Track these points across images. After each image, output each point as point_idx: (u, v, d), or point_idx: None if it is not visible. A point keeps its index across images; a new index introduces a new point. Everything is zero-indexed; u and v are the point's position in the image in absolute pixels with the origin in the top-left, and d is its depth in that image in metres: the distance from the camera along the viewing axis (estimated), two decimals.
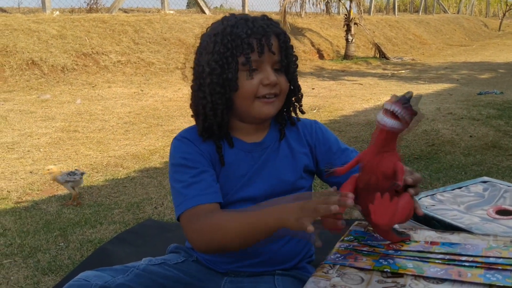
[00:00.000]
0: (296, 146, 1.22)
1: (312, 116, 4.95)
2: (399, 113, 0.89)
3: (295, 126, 1.25)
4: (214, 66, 1.09)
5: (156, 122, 4.74)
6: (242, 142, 1.18)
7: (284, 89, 1.15)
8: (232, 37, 1.08)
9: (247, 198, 1.17)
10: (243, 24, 1.09)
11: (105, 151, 3.76)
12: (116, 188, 2.92)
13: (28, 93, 6.18)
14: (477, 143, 3.74)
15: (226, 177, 1.16)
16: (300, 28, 11.91)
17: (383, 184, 0.95)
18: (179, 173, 1.13)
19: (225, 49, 1.08)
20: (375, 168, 0.95)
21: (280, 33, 1.13)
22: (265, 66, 1.10)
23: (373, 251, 1.06)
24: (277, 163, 1.19)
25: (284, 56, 1.13)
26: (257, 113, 1.13)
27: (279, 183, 1.18)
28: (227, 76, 1.09)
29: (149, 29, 8.92)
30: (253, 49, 1.08)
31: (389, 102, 0.89)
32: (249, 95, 1.11)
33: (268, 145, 1.20)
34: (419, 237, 1.13)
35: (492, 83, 7.38)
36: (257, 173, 1.17)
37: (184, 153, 1.14)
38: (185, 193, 1.09)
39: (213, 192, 1.11)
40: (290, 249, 1.20)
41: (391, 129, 0.90)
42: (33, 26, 7.59)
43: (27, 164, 3.43)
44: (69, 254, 2.03)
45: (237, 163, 1.17)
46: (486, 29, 22.19)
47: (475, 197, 1.61)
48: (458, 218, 1.46)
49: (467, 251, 1.04)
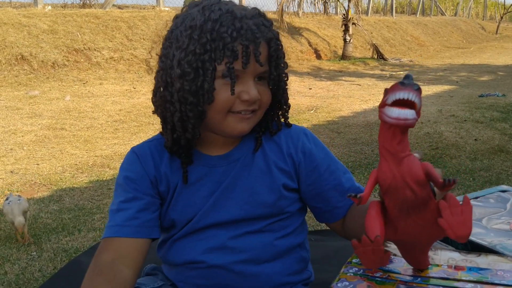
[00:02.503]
0: (275, 159, 1.00)
1: (310, 116, 4.79)
2: (416, 100, 0.69)
3: (276, 135, 1.02)
4: (187, 70, 0.87)
5: (147, 121, 4.56)
6: (205, 155, 0.99)
7: (266, 104, 0.94)
8: (213, 37, 0.86)
9: (217, 224, 0.98)
10: (229, 22, 0.87)
11: (92, 151, 3.58)
12: (100, 190, 2.73)
13: (16, 88, 5.98)
14: (483, 147, 3.58)
15: (188, 199, 0.98)
16: (297, 27, 11.77)
17: (422, 194, 0.73)
18: (116, 191, 0.99)
19: (203, 51, 0.86)
20: (405, 179, 0.72)
21: (271, 39, 0.91)
22: (246, 77, 0.89)
23: (388, 278, 0.88)
24: (250, 180, 0.98)
25: (273, 67, 0.92)
26: (230, 130, 0.93)
27: (253, 206, 0.98)
28: (201, 85, 0.87)
29: (143, 25, 8.73)
30: (237, 58, 0.86)
31: (400, 91, 0.67)
32: (222, 109, 0.90)
33: (237, 158, 0.99)
34: (441, 260, 0.95)
35: (492, 86, 7.25)
36: (225, 194, 0.98)
37: (127, 171, 0.99)
38: (111, 217, 0.95)
39: (136, 225, 0.94)
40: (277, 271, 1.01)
41: (412, 122, 0.68)
42: (24, 21, 7.38)
43: (8, 163, 3.25)
44: (41, 266, 1.83)
45: (198, 182, 0.98)
46: (483, 32, 22.15)
47: (495, 208, 1.44)
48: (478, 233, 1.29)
49: (501, 279, 0.87)
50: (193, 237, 0.99)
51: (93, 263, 0.91)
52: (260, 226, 0.99)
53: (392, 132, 0.71)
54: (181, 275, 1.02)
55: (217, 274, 0.98)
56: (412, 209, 0.74)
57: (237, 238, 0.98)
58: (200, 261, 0.98)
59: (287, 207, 1.01)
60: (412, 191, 0.72)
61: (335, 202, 1.02)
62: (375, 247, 0.72)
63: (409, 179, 0.72)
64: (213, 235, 0.98)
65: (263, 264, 0.99)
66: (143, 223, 0.94)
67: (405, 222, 0.76)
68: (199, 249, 0.98)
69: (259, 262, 0.99)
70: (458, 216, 0.69)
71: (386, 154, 0.73)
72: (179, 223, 1.00)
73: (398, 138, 0.71)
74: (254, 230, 0.99)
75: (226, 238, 0.98)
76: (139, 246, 0.93)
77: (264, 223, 1.00)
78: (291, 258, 1.03)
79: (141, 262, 0.94)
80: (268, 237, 1.00)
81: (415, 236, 0.78)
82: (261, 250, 0.99)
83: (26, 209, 2.05)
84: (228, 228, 0.98)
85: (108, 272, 0.88)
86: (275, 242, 1.00)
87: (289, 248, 1.03)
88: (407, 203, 0.74)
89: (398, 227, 0.77)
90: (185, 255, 1.00)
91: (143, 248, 0.94)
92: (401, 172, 0.72)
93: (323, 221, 1.07)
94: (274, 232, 1.01)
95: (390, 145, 0.72)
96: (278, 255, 1.01)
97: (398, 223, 0.77)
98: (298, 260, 1.05)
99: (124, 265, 0.90)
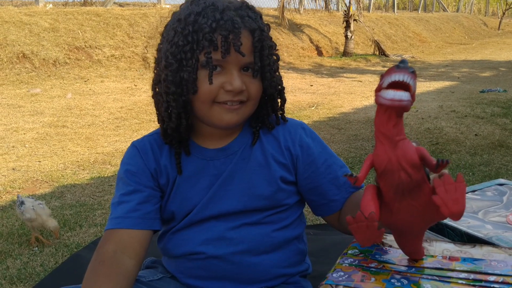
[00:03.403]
0: (273, 152, 1.01)
1: (311, 113, 4.79)
2: (411, 82, 0.70)
3: (274, 129, 1.03)
4: (171, 61, 0.90)
5: (148, 118, 4.56)
6: (203, 148, 1.00)
7: (255, 95, 0.95)
8: (194, 29, 0.89)
9: (216, 216, 1.00)
10: (210, 14, 0.89)
11: (93, 148, 3.59)
12: (101, 187, 2.75)
13: (18, 87, 6.00)
14: (483, 142, 3.57)
15: (187, 191, 1.00)
16: (298, 24, 11.74)
17: (416, 177, 0.74)
18: (117, 185, 1.01)
19: (185, 42, 0.89)
20: (400, 162, 0.73)
21: (255, 29, 0.91)
22: (230, 67, 0.91)
23: (382, 268, 0.89)
24: (248, 173, 0.99)
25: (258, 58, 0.92)
26: (217, 120, 0.94)
27: (251, 198, 0.99)
28: (183, 75, 0.90)
29: (144, 23, 8.73)
30: (217, 48, 0.88)
31: (395, 73, 0.69)
32: (206, 99, 0.92)
33: (234, 151, 1.00)
34: (436, 251, 0.96)
35: (494, 81, 7.23)
36: (223, 187, 0.99)
37: (127, 165, 1.01)
38: (113, 210, 0.97)
39: (137, 217, 0.96)
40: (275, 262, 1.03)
41: (407, 104, 0.69)
42: (25, 19, 7.40)
43: (10, 160, 3.26)
44: (42, 261, 1.85)
45: (197, 175, 0.99)
46: (485, 27, 22.05)
47: (492, 201, 1.45)
48: (474, 226, 1.30)
49: (494, 269, 0.87)
50: (192, 229, 1.01)
51: (95, 254, 0.93)
52: (258, 218, 1.01)
53: (388, 115, 0.72)
54: (180, 266, 1.04)
55: (216, 265, 0.99)
56: (407, 192, 0.75)
57: (235, 229, 1.00)
58: (199, 252, 0.99)
59: (284, 200, 1.02)
60: (407, 174, 0.74)
61: (332, 196, 1.03)
62: (369, 223, 0.73)
63: (404, 162, 0.73)
64: (212, 226, 1.00)
65: (261, 255, 1.00)
66: (144, 214, 0.96)
67: (399, 205, 0.77)
68: (198, 240, 1.00)
69: (257, 253, 1.00)
70: (452, 193, 0.70)
71: (382, 138, 0.74)
72: (179, 215, 1.01)
73: (394, 121, 0.72)
74: (252, 222, 1.00)
75: (225, 230, 0.99)
76: (140, 237, 0.95)
77: (262, 215, 1.01)
78: (288, 250, 1.05)
79: (143, 253, 0.95)
80: (266, 228, 1.01)
81: (409, 220, 0.79)
82: (259, 242, 1.00)
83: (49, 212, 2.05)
84: (227, 220, 0.99)
85: (110, 262, 0.90)
86: (272, 234, 1.02)
87: (287, 240, 1.04)
88: (402, 186, 0.75)
89: (393, 210, 0.78)
90: (184, 246, 1.01)
91: (144, 239, 0.95)
92: (396, 155, 0.73)
93: (320, 215, 1.08)
94: (272, 224, 1.02)
95: (386, 128, 0.73)
96: (275, 247, 1.02)
97: (393, 205, 0.78)
98: (296, 252, 1.06)
99: (125, 256, 0.91)
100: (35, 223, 1.96)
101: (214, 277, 1.01)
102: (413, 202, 0.76)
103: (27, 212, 1.94)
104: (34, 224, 1.96)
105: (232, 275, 1.00)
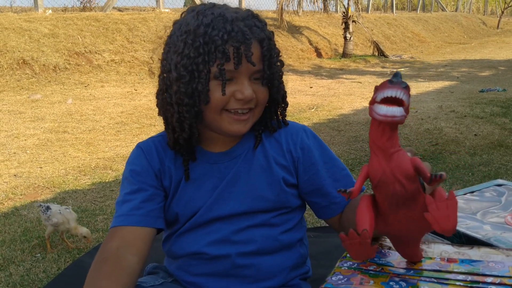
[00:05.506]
0: (275, 155, 1.03)
1: (311, 115, 4.81)
2: (404, 97, 0.71)
3: (277, 132, 1.06)
4: (183, 73, 0.92)
5: (149, 122, 4.58)
6: (207, 152, 1.02)
7: (262, 102, 0.98)
8: (205, 40, 0.90)
9: (220, 218, 1.01)
10: (220, 25, 0.90)
11: (94, 153, 3.60)
12: (102, 192, 2.76)
13: (18, 93, 6.01)
14: (482, 142, 3.58)
15: (192, 194, 1.01)
16: (297, 26, 11.76)
17: (411, 188, 0.75)
18: (122, 185, 1.03)
19: (196, 54, 0.90)
20: (395, 174, 0.74)
21: (263, 39, 0.94)
22: (241, 77, 0.93)
23: (381, 271, 0.90)
24: (250, 175, 1.02)
25: (266, 66, 0.95)
26: (226, 129, 0.97)
27: (254, 201, 1.01)
28: (196, 87, 0.92)
29: (143, 27, 8.76)
30: (229, 59, 0.90)
31: (388, 89, 0.69)
32: (216, 108, 0.94)
33: (238, 154, 1.03)
34: (434, 253, 0.97)
35: (493, 81, 7.24)
36: (227, 189, 1.01)
37: (132, 165, 1.03)
38: (117, 208, 0.99)
39: (140, 214, 0.97)
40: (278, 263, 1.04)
41: (400, 119, 0.70)
42: (25, 25, 7.42)
43: (12, 166, 3.28)
44: (45, 267, 1.86)
45: (201, 178, 1.01)
46: (484, 27, 22.07)
47: (490, 202, 1.46)
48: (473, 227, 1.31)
49: (491, 270, 0.88)
50: (197, 231, 1.02)
51: (99, 251, 0.95)
52: (261, 220, 1.02)
53: (382, 128, 0.72)
54: (184, 264, 1.05)
55: (219, 264, 1.01)
56: (402, 203, 0.76)
57: (240, 231, 1.02)
58: (203, 253, 1.01)
59: (286, 202, 1.04)
60: (401, 186, 0.74)
61: (333, 198, 1.05)
62: (362, 240, 0.74)
63: (398, 174, 0.73)
64: (216, 228, 1.01)
65: (263, 257, 1.02)
66: (147, 212, 0.98)
67: (395, 216, 0.78)
68: (203, 242, 1.02)
69: (260, 255, 1.02)
70: (444, 211, 0.71)
71: (376, 150, 0.74)
72: (183, 217, 1.03)
73: (388, 135, 0.73)
74: (256, 224, 1.02)
75: (229, 232, 1.01)
76: (144, 234, 0.96)
77: (265, 217, 1.03)
78: (290, 253, 1.06)
79: (146, 251, 0.96)
80: (269, 231, 1.03)
81: (405, 229, 0.80)
82: (262, 244, 1.02)
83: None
84: (231, 222, 1.01)
85: (113, 259, 0.91)
86: (276, 236, 1.04)
87: (289, 242, 1.06)
88: (397, 197, 0.75)
89: (389, 221, 0.79)
90: (189, 247, 1.03)
91: (147, 237, 0.97)
92: (390, 167, 0.74)
93: (321, 217, 1.10)
94: (275, 226, 1.04)
95: (380, 141, 0.73)
96: (278, 249, 1.04)
97: (388, 216, 0.78)
98: (297, 255, 1.08)
99: (128, 253, 0.92)
100: (61, 227, 1.97)
101: (216, 275, 1.02)
102: (408, 212, 0.77)
103: (54, 216, 1.95)
104: (60, 228, 1.97)
105: (234, 274, 1.02)
